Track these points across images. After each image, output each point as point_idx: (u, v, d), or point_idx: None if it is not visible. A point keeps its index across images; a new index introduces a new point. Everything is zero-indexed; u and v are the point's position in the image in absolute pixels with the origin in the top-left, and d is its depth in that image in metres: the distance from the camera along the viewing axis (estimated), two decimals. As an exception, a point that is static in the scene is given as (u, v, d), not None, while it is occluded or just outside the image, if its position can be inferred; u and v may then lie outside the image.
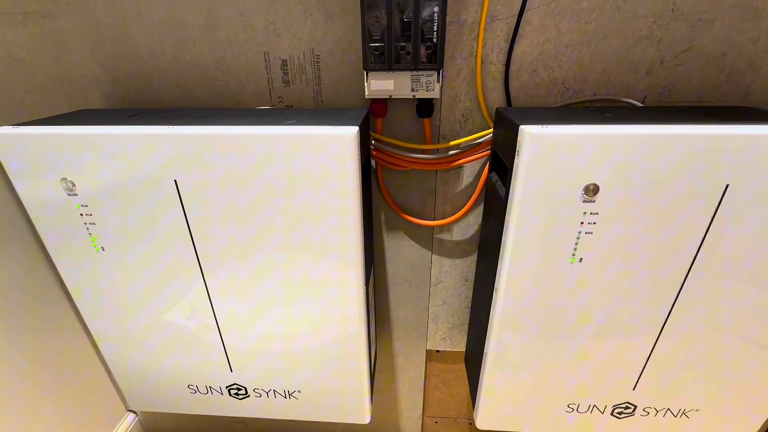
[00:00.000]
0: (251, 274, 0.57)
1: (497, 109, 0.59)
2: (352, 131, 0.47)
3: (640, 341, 0.59)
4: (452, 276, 0.80)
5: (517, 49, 0.59)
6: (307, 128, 0.48)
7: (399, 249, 0.77)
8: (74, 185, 0.52)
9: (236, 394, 0.71)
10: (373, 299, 0.77)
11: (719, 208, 0.47)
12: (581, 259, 0.52)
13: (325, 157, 0.48)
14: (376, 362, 0.88)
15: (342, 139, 0.47)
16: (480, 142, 0.64)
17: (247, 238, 0.54)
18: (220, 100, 0.66)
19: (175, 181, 0.51)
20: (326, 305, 0.60)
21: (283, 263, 0.56)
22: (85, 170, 0.51)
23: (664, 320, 0.56)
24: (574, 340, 0.60)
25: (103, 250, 0.57)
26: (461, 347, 0.89)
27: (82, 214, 0.54)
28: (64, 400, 0.84)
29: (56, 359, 0.81)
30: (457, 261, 0.78)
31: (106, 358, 0.69)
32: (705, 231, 0.49)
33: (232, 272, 0.57)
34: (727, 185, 0.46)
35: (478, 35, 0.58)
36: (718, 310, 0.55)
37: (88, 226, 0.55)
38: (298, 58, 0.62)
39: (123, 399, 1.01)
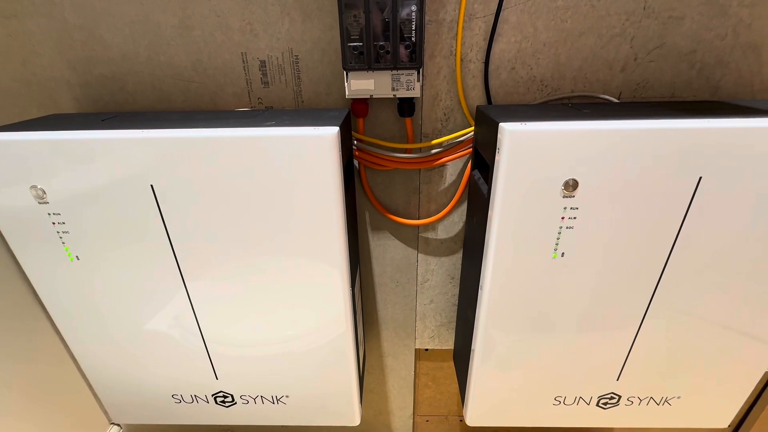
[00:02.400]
0: (234, 279, 0.56)
1: (478, 107, 0.60)
2: (332, 131, 0.47)
3: (623, 332, 0.60)
4: (439, 274, 0.80)
5: (496, 48, 0.60)
6: (286, 129, 0.47)
7: (385, 249, 0.77)
8: (45, 193, 0.50)
9: (223, 401, 0.70)
10: (360, 300, 0.76)
11: (693, 200, 0.49)
12: (563, 253, 0.53)
13: (305, 158, 0.47)
14: (365, 363, 0.87)
15: (322, 140, 0.46)
16: (462, 140, 0.64)
17: (228, 242, 0.53)
18: (197, 102, 0.65)
19: (152, 185, 0.49)
20: (312, 308, 0.59)
21: (266, 267, 0.55)
22: (57, 177, 0.50)
23: (644, 311, 0.58)
24: (559, 334, 0.61)
25: (78, 259, 0.55)
26: (450, 345, 0.89)
27: (54, 223, 0.53)
28: (43, 414, 0.80)
29: (33, 372, 0.78)
30: (443, 259, 0.78)
31: (84, 370, 0.67)
32: (681, 222, 0.50)
33: (214, 277, 0.56)
34: (701, 177, 0.47)
35: (456, 34, 0.58)
36: (696, 300, 0.56)
37: (61, 234, 0.53)
38: (277, 58, 0.61)
39: (105, 412, 0.98)
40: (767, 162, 0.46)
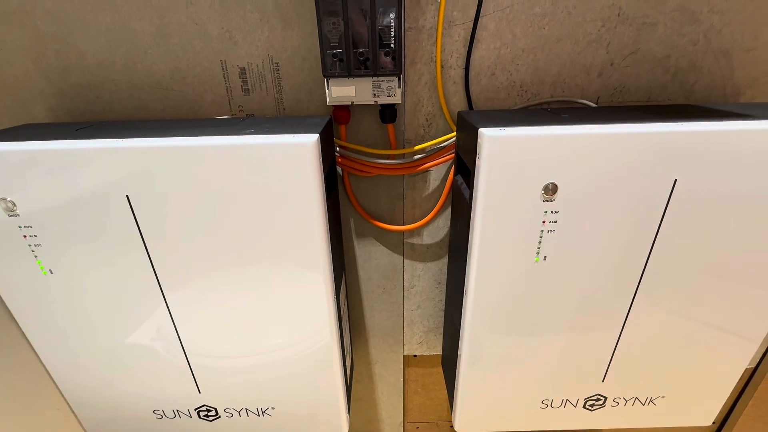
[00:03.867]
0: (214, 290, 0.55)
1: (459, 112, 0.60)
2: (312, 139, 0.46)
3: (606, 333, 0.61)
4: (425, 279, 0.80)
5: (476, 54, 0.60)
6: (264, 137, 0.46)
7: (370, 255, 0.77)
8: (15, 205, 0.49)
9: (206, 415, 0.68)
10: (346, 308, 0.76)
11: (670, 201, 0.50)
12: (545, 257, 0.53)
13: (285, 166, 0.47)
14: (352, 372, 0.86)
15: (302, 147, 0.46)
16: (444, 146, 0.65)
17: (208, 253, 0.52)
18: (176, 110, 0.64)
19: (127, 196, 0.48)
20: (295, 318, 0.58)
21: (247, 276, 0.54)
22: (28, 189, 0.48)
23: (626, 312, 0.58)
24: (544, 337, 0.61)
25: (52, 273, 0.53)
26: (438, 350, 0.89)
27: (25, 236, 0.51)
28: (18, 436, 0.77)
29: (6, 389, 0.75)
30: (429, 264, 0.78)
31: (60, 387, 0.65)
32: (659, 223, 0.51)
33: (194, 289, 0.55)
34: (676, 179, 0.48)
35: (436, 41, 0.58)
36: (676, 299, 0.57)
37: (33, 248, 0.52)
38: (257, 66, 0.61)
39: (84, 430, 0.94)
40: (739, 163, 0.47)
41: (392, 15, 0.50)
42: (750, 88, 0.63)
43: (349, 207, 0.71)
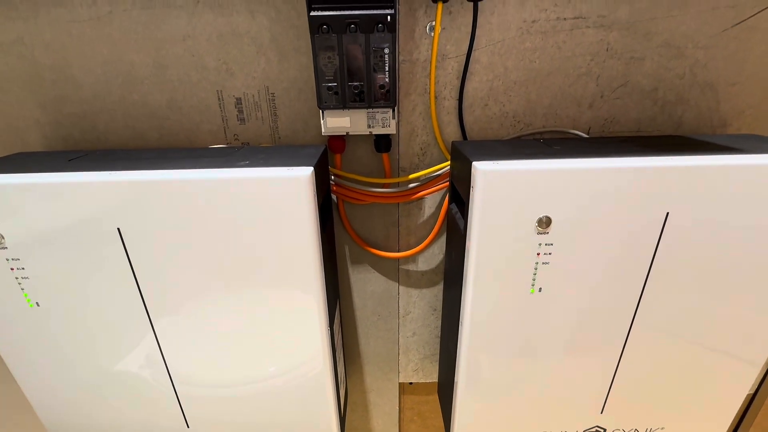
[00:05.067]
0: (206, 321, 0.54)
1: (453, 142, 0.61)
2: (307, 172, 0.46)
3: (604, 365, 0.60)
4: (420, 306, 0.79)
5: (469, 86, 0.61)
6: (259, 170, 0.46)
7: (365, 282, 0.76)
8: (3, 238, 0.48)
9: (195, 451, 0.66)
10: (340, 336, 0.74)
11: (662, 233, 0.50)
12: (540, 288, 0.53)
13: (279, 199, 0.47)
14: (347, 401, 0.84)
15: (296, 181, 0.46)
16: (439, 174, 0.65)
17: (200, 286, 0.51)
18: (172, 139, 0.64)
19: (119, 229, 0.48)
20: (287, 348, 0.57)
21: (240, 307, 0.53)
22: (17, 221, 0.47)
23: (623, 343, 0.58)
24: (541, 368, 0.60)
25: (38, 305, 0.52)
26: (434, 378, 0.87)
27: (12, 269, 0.50)
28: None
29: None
30: (425, 291, 0.77)
31: (43, 421, 0.63)
32: (652, 255, 0.51)
33: (185, 323, 0.54)
34: (668, 212, 0.49)
35: (430, 73, 0.59)
36: (672, 329, 0.57)
37: (20, 280, 0.51)
38: (253, 96, 0.61)
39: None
40: (728, 196, 0.48)
41: (387, 50, 0.51)
42: (736, 120, 0.64)
43: (344, 234, 0.71)
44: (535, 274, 0.52)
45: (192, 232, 0.48)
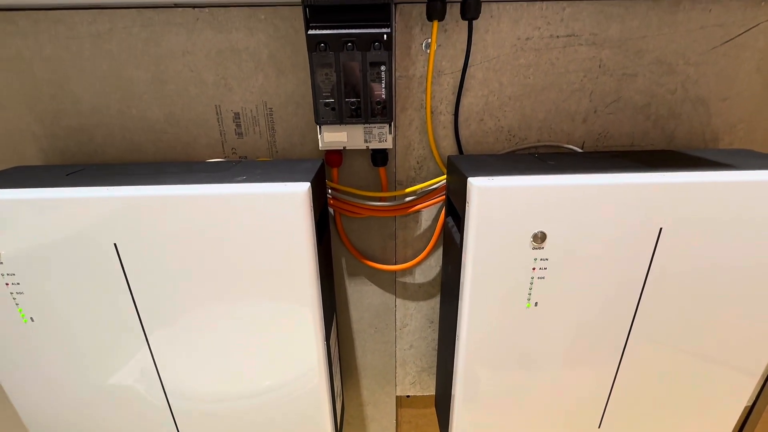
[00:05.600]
0: (202, 339, 0.54)
1: (449, 157, 0.61)
2: (304, 188, 0.47)
3: (601, 378, 0.60)
4: (417, 319, 0.79)
5: (464, 101, 0.62)
6: (257, 186, 0.47)
7: (362, 295, 0.76)
8: (-2, 253, 0.48)
9: (188, 467, 0.65)
10: (336, 350, 0.74)
11: (656, 248, 0.50)
12: (537, 303, 0.53)
13: (276, 214, 0.47)
14: (343, 415, 0.84)
15: (293, 197, 0.46)
16: (435, 188, 0.66)
17: (197, 302, 0.51)
18: (169, 152, 0.64)
19: (115, 244, 0.48)
20: (283, 363, 0.57)
21: (235, 321, 0.53)
22: (13, 237, 0.47)
23: (620, 357, 0.58)
24: (537, 382, 0.60)
25: (33, 320, 0.52)
26: (431, 391, 0.86)
27: (8, 284, 0.50)
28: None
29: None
30: (422, 303, 0.77)
31: (35, 439, 0.62)
32: (647, 269, 0.52)
33: (181, 338, 0.54)
34: (661, 228, 0.49)
35: (426, 89, 0.60)
36: (667, 344, 0.57)
37: (15, 295, 0.50)
38: (251, 110, 0.62)
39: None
40: (718, 212, 0.48)
41: (383, 67, 0.52)
42: (728, 134, 0.65)
43: (341, 247, 0.71)
44: (530, 289, 0.52)
45: (189, 247, 0.48)
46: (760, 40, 0.60)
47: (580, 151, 0.64)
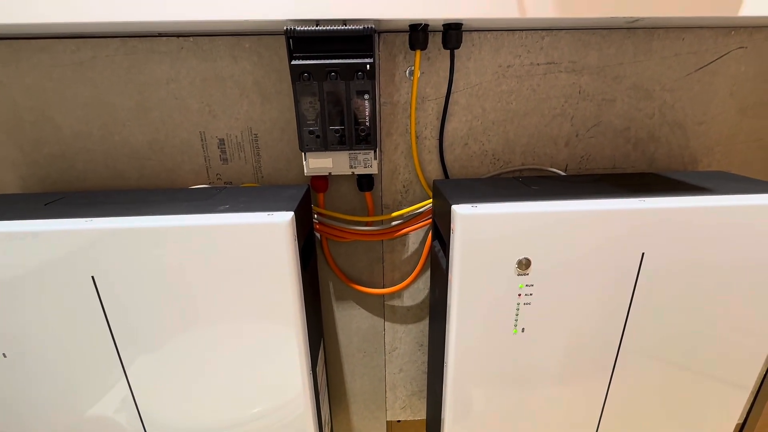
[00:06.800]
0: (184, 370, 0.52)
1: (434, 182, 0.61)
2: (287, 218, 0.46)
3: (590, 401, 0.59)
4: (407, 342, 0.78)
5: (449, 126, 0.63)
6: (239, 216, 0.46)
7: (350, 319, 0.75)
8: (-30, 288, 0.46)
9: (169, 505, 0.62)
10: (324, 377, 0.72)
11: (639, 273, 0.51)
12: (523, 329, 0.53)
13: (259, 244, 0.46)
14: (332, 442, 0.81)
15: (276, 228, 0.46)
16: (421, 212, 0.66)
17: (177, 333, 0.50)
18: (153, 179, 0.64)
19: (93, 277, 0.46)
20: (268, 392, 0.55)
21: (218, 353, 0.52)
22: (-15, 270, 0.46)
23: (608, 381, 0.57)
24: (528, 405, 0.59)
25: (5, 356, 0.50)
26: (422, 415, 0.85)
27: (-21, 319, 0.48)
28: None
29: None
30: (411, 326, 0.76)
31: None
32: (631, 293, 0.52)
33: (161, 371, 0.52)
34: (643, 253, 0.50)
35: (410, 114, 0.61)
36: (656, 364, 0.57)
37: (-14, 331, 0.49)
38: (236, 137, 0.62)
39: None
40: (699, 235, 0.49)
41: (366, 96, 0.53)
42: (706, 156, 0.67)
43: (328, 271, 0.71)
44: (517, 315, 0.52)
45: (169, 278, 0.47)
46: (732, 66, 0.62)
47: (563, 174, 0.65)
